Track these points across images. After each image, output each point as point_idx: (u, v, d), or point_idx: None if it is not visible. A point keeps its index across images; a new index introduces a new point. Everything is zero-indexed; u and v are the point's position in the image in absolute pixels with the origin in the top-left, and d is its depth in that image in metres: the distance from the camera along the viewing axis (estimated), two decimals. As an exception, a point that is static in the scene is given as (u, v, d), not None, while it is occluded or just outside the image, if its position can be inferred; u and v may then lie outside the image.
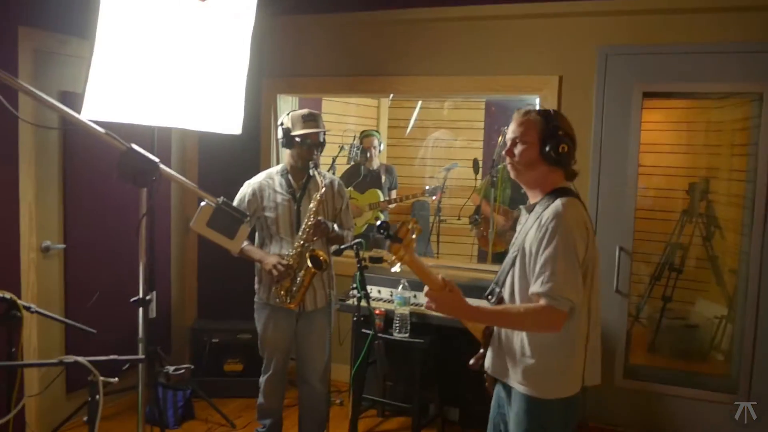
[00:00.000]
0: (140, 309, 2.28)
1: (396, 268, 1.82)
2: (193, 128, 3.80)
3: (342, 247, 3.07)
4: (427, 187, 5.03)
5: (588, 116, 3.90)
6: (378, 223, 1.83)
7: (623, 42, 3.81)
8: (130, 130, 3.16)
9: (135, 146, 2.32)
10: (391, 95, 5.66)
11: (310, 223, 3.04)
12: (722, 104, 4.64)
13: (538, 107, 2.13)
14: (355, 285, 2.84)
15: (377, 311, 3.67)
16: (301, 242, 3.06)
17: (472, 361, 2.24)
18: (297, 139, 3.10)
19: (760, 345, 3.65)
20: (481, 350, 2.23)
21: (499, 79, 4.11)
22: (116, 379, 1.96)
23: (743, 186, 3.92)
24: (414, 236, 1.84)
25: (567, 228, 1.93)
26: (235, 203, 3.21)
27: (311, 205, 3.06)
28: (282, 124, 3.17)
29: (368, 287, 3.92)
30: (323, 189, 3.06)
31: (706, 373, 4.52)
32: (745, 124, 3.98)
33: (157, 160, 2.36)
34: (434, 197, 5.02)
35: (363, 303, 2.84)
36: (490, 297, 2.18)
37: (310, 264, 3.02)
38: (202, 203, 2.48)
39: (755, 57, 3.58)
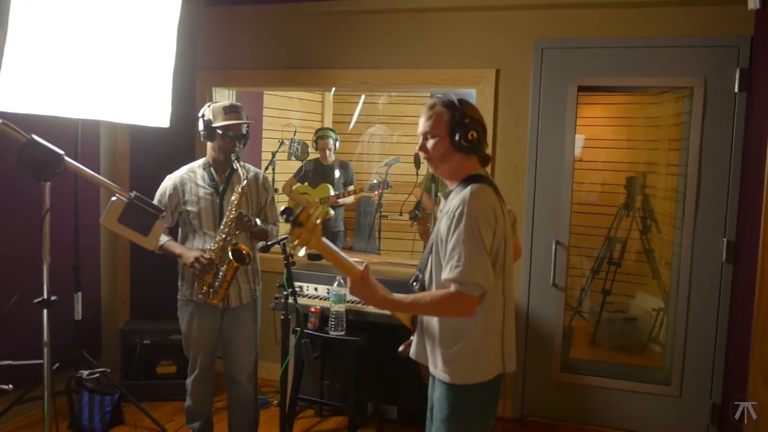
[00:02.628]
0: (45, 311, 2.15)
1: (302, 252, 1.84)
2: (118, 121, 3.65)
3: (269, 243, 2.97)
4: (374, 182, 4.96)
5: (525, 110, 3.89)
6: (281, 209, 1.83)
7: (559, 36, 3.81)
8: (54, 124, 3.02)
9: (37, 137, 2.20)
10: (333, 89, 5.57)
11: (231, 216, 2.96)
12: (659, 100, 4.70)
13: (444, 98, 2.10)
14: (279, 283, 2.74)
15: (312, 309, 3.59)
16: (223, 236, 2.98)
17: (401, 348, 2.27)
18: (218, 131, 3.01)
19: (691, 337, 3.69)
20: (411, 337, 2.24)
21: (437, 72, 4.06)
22: (10, 386, 1.84)
23: (677, 180, 3.97)
24: (318, 221, 1.82)
25: (472, 215, 1.94)
26: (156, 198, 3.09)
27: (233, 198, 2.99)
28: (203, 116, 3.06)
29: (304, 284, 3.87)
30: (245, 181, 2.98)
31: (643, 365, 4.58)
32: (679, 120, 4.03)
33: (61, 152, 2.24)
34: (376, 192, 4.95)
35: (290, 300, 2.75)
36: (414, 284, 2.19)
37: (231, 257, 2.92)
38: (113, 198, 2.36)
39: (686, 52, 3.62)
